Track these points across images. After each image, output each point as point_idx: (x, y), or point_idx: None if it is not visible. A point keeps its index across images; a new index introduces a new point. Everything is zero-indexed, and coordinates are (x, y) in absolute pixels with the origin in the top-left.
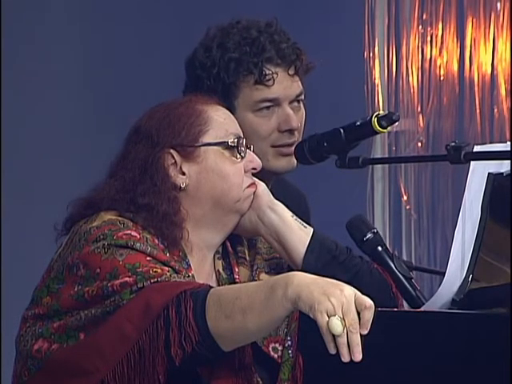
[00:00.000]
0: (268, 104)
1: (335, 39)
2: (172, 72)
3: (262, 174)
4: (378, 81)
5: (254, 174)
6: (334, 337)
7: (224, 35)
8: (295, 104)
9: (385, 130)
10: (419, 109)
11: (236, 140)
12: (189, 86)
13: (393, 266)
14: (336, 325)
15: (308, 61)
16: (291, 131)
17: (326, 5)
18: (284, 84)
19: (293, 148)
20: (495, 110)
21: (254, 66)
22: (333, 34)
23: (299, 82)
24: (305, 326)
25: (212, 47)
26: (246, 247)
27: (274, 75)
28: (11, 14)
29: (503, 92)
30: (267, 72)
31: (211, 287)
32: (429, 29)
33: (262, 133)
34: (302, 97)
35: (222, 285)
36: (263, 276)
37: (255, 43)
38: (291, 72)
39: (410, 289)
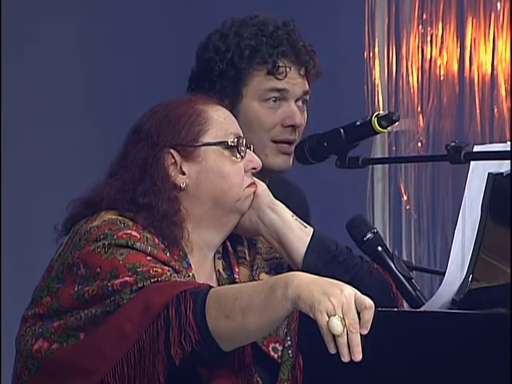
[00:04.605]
0: (276, 94)
1: (335, 39)
2: (172, 72)
3: (258, 172)
4: (377, 81)
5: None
6: (334, 337)
7: (241, 25)
8: (300, 104)
9: (385, 130)
10: (419, 109)
11: (236, 140)
12: (196, 72)
13: (393, 266)
14: (336, 325)
15: (319, 66)
16: (294, 128)
17: (325, 5)
18: (294, 81)
19: (292, 147)
20: (495, 110)
21: (268, 56)
22: (333, 33)
23: (307, 84)
24: (305, 326)
25: (228, 34)
26: (246, 247)
27: (287, 69)
28: (11, 14)
29: (503, 92)
30: (280, 64)
31: (211, 287)
32: (429, 29)
33: (266, 124)
34: (307, 98)
35: (222, 285)
36: (263, 276)
37: (272, 36)
38: (302, 72)
39: (410, 289)
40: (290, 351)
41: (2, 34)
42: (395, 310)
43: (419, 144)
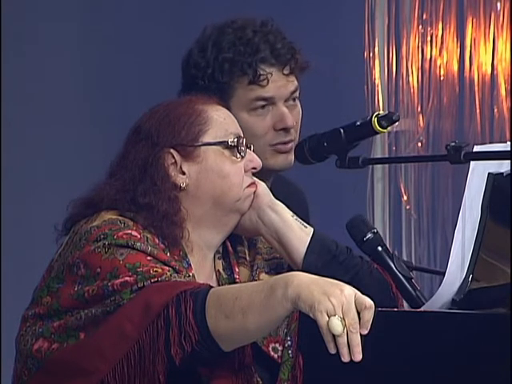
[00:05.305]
0: (263, 103)
1: (335, 39)
2: (171, 72)
3: (260, 173)
4: (377, 81)
5: (253, 174)
6: (334, 337)
7: (219, 34)
8: (290, 102)
9: (385, 130)
10: (419, 109)
11: (236, 139)
12: (184, 86)
13: (393, 266)
14: (336, 325)
15: (303, 59)
16: (286, 129)
17: (325, 5)
18: (279, 83)
19: (289, 145)
20: (495, 110)
21: (248, 66)
22: (333, 34)
23: (294, 81)
24: (305, 326)
25: (207, 47)
26: (246, 247)
27: (269, 75)
28: (11, 14)
29: (503, 92)
30: (261, 72)
31: (211, 287)
32: (429, 29)
33: (258, 132)
34: (297, 94)
35: (222, 285)
36: (263, 276)
37: (249, 43)
38: (286, 71)
39: (410, 289)
40: (290, 351)
41: (2, 34)
42: (395, 310)
43: (419, 144)
